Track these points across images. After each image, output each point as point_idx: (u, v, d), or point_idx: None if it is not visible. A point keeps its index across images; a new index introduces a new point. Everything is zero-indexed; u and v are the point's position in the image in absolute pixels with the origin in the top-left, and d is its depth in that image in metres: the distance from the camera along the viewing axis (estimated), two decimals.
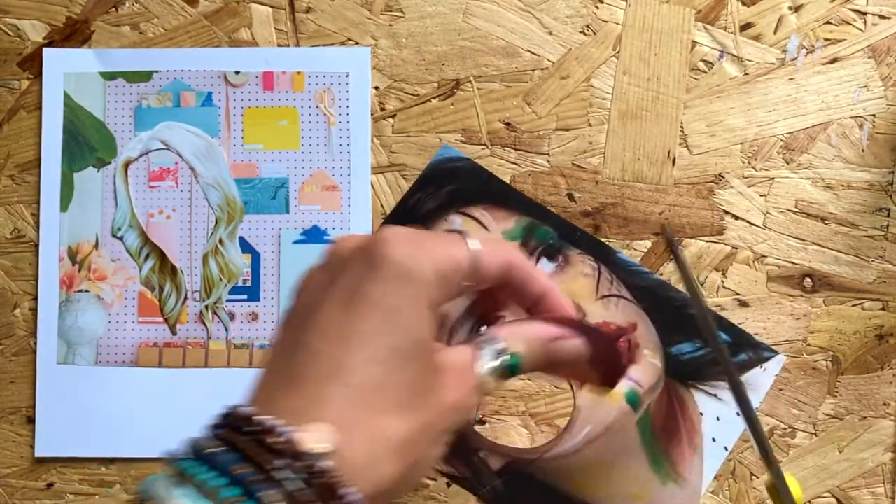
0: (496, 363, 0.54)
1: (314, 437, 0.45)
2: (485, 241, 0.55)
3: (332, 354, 0.49)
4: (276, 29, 0.81)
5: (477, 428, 0.78)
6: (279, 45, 0.80)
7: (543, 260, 0.78)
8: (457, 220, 0.79)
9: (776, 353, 0.77)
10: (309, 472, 0.45)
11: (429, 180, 0.79)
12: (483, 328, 0.58)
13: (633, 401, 0.75)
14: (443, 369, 0.52)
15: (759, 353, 0.77)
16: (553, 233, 0.79)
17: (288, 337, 0.51)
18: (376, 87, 0.80)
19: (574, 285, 0.78)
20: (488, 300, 0.59)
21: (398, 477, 0.49)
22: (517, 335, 0.56)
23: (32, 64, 0.81)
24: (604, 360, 0.59)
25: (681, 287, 0.78)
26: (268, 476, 0.44)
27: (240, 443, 0.46)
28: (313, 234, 0.79)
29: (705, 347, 0.77)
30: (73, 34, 0.81)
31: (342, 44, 0.80)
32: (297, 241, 0.80)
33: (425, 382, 0.51)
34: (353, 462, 0.46)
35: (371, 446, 0.48)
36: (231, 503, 0.43)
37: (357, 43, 0.80)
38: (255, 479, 0.44)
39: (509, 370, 0.55)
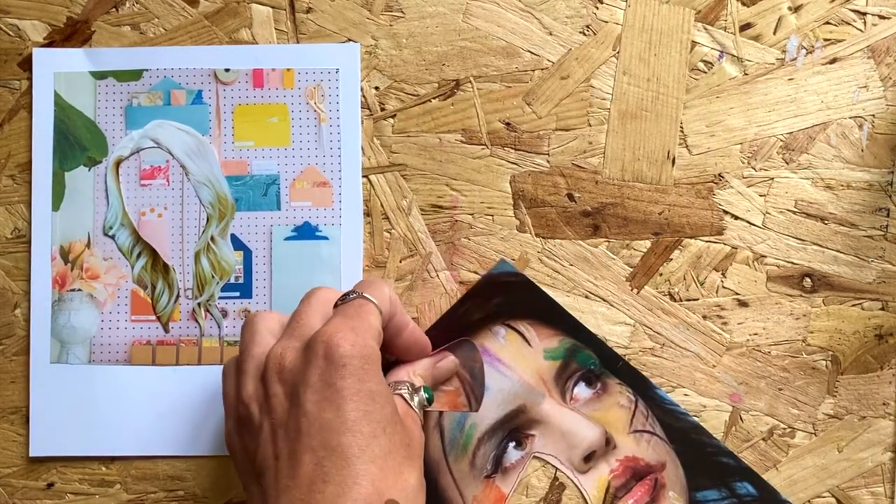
0: (418, 398, 0.70)
1: None
2: (367, 286, 0.69)
3: (344, 443, 0.61)
4: (276, 29, 0.81)
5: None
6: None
7: (581, 384, 0.77)
8: (501, 331, 0.78)
9: None
10: None
11: (480, 292, 0.79)
12: None
13: None
14: (402, 420, 0.66)
15: None
16: (595, 359, 0.78)
17: (280, 446, 0.63)
18: (376, 88, 0.80)
19: (609, 415, 0.77)
20: None
21: None
22: (416, 371, 0.73)
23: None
24: (470, 365, 0.77)
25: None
26: None
27: None
28: (305, 231, 0.79)
29: (731, 498, 0.76)
30: (73, 34, 0.81)
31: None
32: (288, 238, 0.80)
33: (405, 434, 0.65)
34: None
35: (407, 499, 0.62)
36: None
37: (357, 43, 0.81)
38: None
39: (427, 401, 0.71)
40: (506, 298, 0.78)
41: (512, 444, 0.77)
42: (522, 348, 0.78)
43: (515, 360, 0.77)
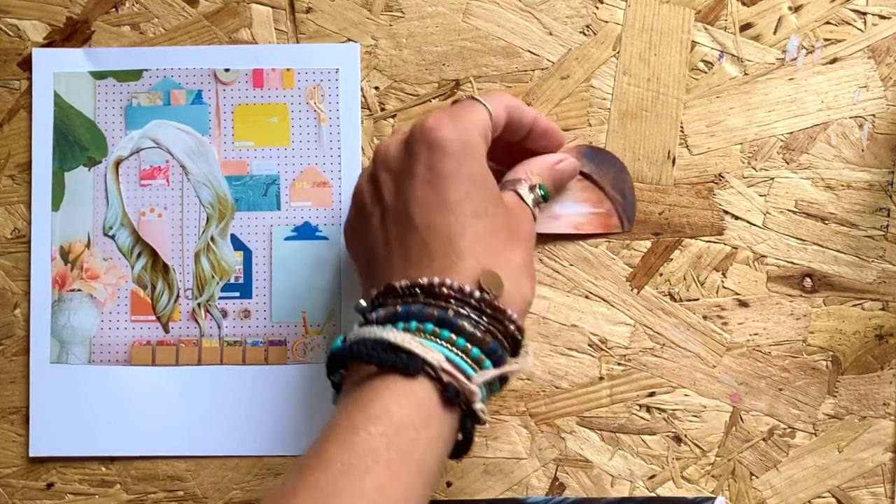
0: (533, 195, 0.71)
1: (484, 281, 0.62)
2: (484, 96, 0.69)
3: (447, 222, 0.64)
4: (276, 29, 0.81)
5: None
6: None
7: None
8: None
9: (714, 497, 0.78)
10: (482, 307, 0.62)
11: None
12: None
13: None
14: (511, 209, 0.68)
15: None
16: None
17: (389, 230, 0.66)
18: (376, 88, 0.80)
19: None
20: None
21: (532, 289, 0.66)
22: (533, 170, 0.73)
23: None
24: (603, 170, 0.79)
25: None
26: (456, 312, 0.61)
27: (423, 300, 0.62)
28: (305, 231, 0.80)
29: None
30: (73, 34, 0.81)
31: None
32: (288, 238, 0.80)
33: (511, 220, 0.67)
34: (507, 291, 0.63)
35: (510, 274, 0.64)
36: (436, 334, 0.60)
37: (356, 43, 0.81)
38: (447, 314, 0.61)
39: (543, 198, 0.73)
40: None
41: None
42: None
43: None
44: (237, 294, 0.80)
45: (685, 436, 0.78)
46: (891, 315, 0.77)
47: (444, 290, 0.61)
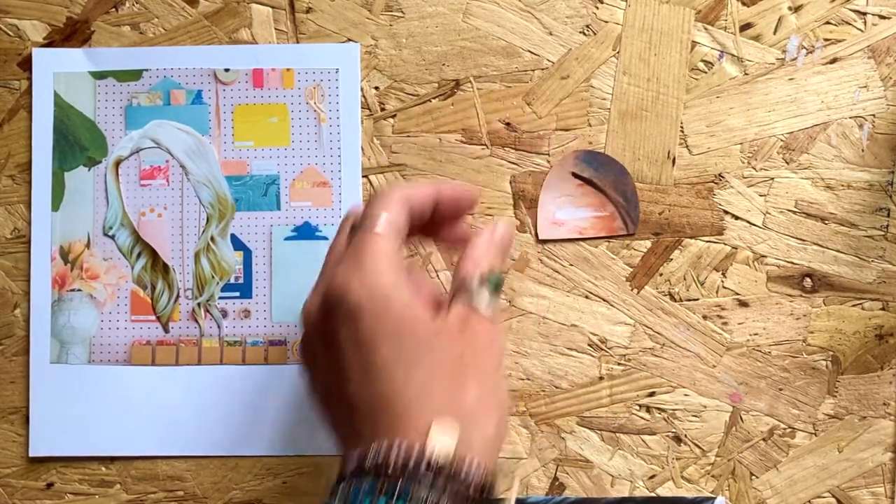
0: (486, 291, 0.63)
1: (436, 441, 0.57)
2: (377, 203, 0.63)
3: (381, 386, 0.59)
4: (276, 29, 0.81)
5: None
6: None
7: None
8: None
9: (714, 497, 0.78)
10: (437, 468, 0.56)
11: None
12: None
13: None
14: (454, 335, 0.61)
15: None
16: None
17: (331, 406, 0.63)
18: (376, 87, 0.80)
19: None
20: None
21: (498, 422, 0.61)
22: (479, 260, 0.64)
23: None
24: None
25: None
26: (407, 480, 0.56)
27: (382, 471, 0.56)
28: (305, 231, 0.80)
29: None
30: (73, 34, 0.81)
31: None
32: (288, 238, 0.80)
33: (455, 350, 0.60)
34: (462, 438, 0.57)
35: (464, 417, 0.58)
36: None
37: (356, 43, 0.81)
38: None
39: (497, 287, 0.64)
40: None
41: None
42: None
43: None
44: (237, 294, 0.80)
45: (685, 436, 0.78)
46: (891, 315, 0.77)
47: (389, 463, 0.57)
